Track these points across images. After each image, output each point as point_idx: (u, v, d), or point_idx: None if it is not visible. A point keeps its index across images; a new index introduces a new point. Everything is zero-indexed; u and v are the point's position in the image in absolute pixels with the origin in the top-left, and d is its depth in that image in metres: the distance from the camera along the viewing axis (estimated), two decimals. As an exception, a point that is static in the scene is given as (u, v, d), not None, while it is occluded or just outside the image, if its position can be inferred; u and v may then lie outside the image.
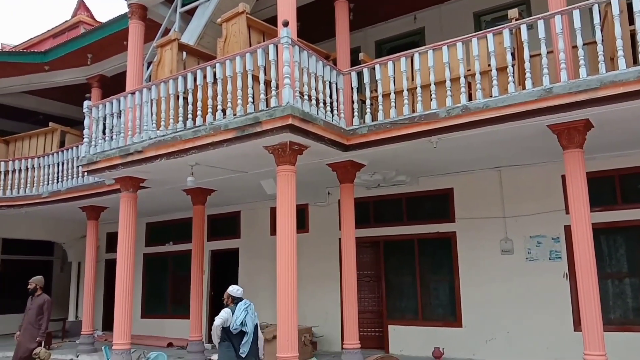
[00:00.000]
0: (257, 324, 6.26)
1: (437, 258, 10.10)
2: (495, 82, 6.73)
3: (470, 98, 7.06)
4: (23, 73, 13.83)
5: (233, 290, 6.32)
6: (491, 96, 6.72)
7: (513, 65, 6.88)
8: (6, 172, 12.88)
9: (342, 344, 8.58)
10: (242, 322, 6.01)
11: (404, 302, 10.36)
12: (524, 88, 6.58)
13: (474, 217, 9.64)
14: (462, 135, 7.12)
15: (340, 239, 9.21)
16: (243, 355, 6.03)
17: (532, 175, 9.13)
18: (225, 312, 6.05)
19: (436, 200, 10.18)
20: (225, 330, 6.00)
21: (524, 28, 6.76)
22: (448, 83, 7.06)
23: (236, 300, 6.23)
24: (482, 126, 6.80)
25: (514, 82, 6.66)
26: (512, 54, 6.97)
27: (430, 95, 7.18)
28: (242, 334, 6.04)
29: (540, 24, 6.53)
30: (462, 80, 6.99)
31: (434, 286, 10.08)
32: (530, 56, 6.66)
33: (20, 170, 12.73)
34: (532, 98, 6.36)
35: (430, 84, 7.21)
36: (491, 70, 6.85)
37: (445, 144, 7.48)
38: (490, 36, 6.88)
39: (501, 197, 9.43)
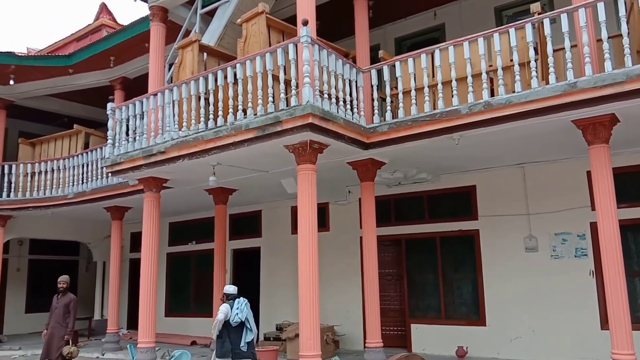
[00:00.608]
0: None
1: (460, 256, 10.01)
2: (517, 77, 6.64)
3: (492, 94, 6.99)
4: (48, 76, 14.09)
5: (227, 289, 6.90)
6: (514, 92, 6.64)
7: (536, 60, 6.76)
8: (32, 174, 13.18)
9: (365, 342, 8.57)
10: (245, 316, 6.53)
11: (426, 300, 10.29)
12: (547, 83, 6.48)
13: (498, 215, 9.53)
14: (484, 132, 7.03)
15: (361, 238, 9.19)
16: (244, 349, 6.45)
17: (556, 171, 8.99)
18: (225, 307, 6.52)
19: (458, 197, 10.09)
20: (225, 324, 6.45)
21: (546, 22, 6.65)
22: (470, 79, 6.99)
23: (230, 297, 6.72)
24: (505, 122, 6.71)
25: (537, 77, 6.55)
26: (535, 49, 6.84)
27: (452, 91, 7.11)
28: (241, 327, 6.49)
29: (564, 18, 6.42)
30: (484, 76, 6.92)
31: (457, 284, 10.00)
32: (554, 50, 6.56)
33: (46, 172, 13.02)
34: (556, 93, 6.25)
35: (451, 80, 7.15)
36: (514, 66, 6.76)
37: (467, 141, 7.41)
38: (512, 31, 6.80)
39: (525, 194, 9.31)
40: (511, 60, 6.89)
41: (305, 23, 6.83)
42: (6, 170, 13.37)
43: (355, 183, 9.27)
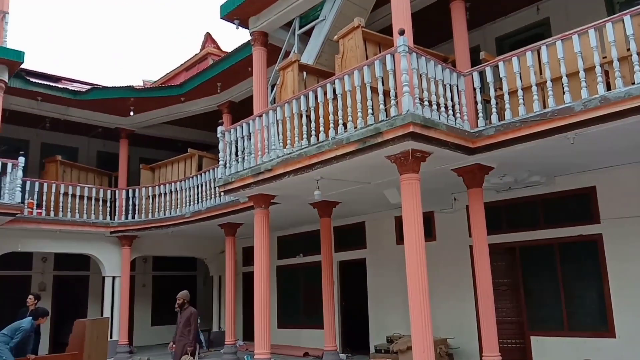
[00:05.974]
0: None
1: (582, 263, 9.30)
2: (637, 67, 6.12)
3: (608, 87, 6.49)
4: (163, 105, 15.31)
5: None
6: (633, 83, 6.12)
7: (657, 47, 6.20)
8: (154, 196, 14.33)
9: (481, 356, 8.23)
10: None
11: (546, 311, 9.67)
12: (673, 70, 5.91)
13: (623, 217, 8.76)
14: (602, 129, 6.54)
15: (470, 247, 8.89)
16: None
17: (690, 166, 8.13)
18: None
19: (577, 200, 9.41)
20: None
21: (668, 4, 6.09)
22: (582, 74, 6.55)
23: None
24: (625, 117, 6.19)
25: (659, 65, 6.00)
26: (655, 35, 6.28)
27: (563, 88, 6.70)
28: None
29: (689, -3, 5.84)
30: (598, 69, 6.45)
31: (580, 293, 9.29)
32: (679, 34, 5.97)
33: (165, 194, 14.10)
34: (685, 80, 5.68)
35: (561, 77, 6.75)
36: (631, 55, 6.24)
37: (583, 139, 6.93)
38: (627, 18, 6.28)
39: (653, 193, 8.50)
40: (628, 49, 6.36)
41: (401, 32, 6.80)
42: (130, 194, 14.68)
43: (461, 190, 9.00)
